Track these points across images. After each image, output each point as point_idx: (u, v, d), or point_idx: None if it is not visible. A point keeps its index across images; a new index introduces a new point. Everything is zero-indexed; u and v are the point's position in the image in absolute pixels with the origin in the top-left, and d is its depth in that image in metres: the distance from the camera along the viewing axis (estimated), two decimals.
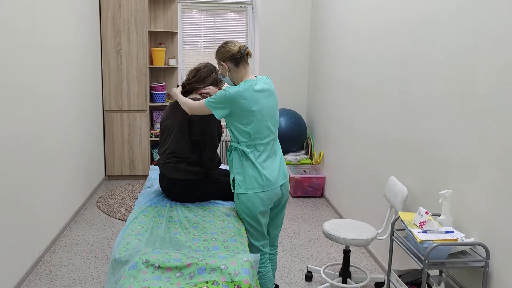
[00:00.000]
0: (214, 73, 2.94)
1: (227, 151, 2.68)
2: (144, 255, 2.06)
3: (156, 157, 5.96)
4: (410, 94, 3.07)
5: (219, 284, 1.90)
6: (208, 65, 2.96)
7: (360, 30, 4.02)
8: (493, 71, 2.23)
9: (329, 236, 3.04)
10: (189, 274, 1.97)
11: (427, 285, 2.59)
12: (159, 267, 1.99)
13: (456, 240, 2.30)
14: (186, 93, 2.92)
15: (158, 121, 5.92)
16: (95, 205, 4.79)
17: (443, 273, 2.64)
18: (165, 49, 5.81)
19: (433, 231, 2.35)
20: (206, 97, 2.83)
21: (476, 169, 2.35)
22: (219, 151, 5.91)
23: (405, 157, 3.14)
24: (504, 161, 2.15)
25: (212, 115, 2.71)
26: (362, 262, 3.68)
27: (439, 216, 2.55)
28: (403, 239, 2.54)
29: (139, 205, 2.82)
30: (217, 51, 2.64)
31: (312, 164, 5.44)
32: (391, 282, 2.64)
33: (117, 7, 5.37)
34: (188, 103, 2.66)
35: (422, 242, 2.29)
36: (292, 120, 5.47)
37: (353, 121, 4.19)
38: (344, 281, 3.20)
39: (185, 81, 2.95)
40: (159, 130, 5.81)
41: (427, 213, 2.40)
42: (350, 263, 3.61)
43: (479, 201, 2.34)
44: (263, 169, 2.56)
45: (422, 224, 2.40)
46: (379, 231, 3.16)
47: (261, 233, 2.65)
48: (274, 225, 2.83)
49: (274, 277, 2.92)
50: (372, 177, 3.73)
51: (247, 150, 2.55)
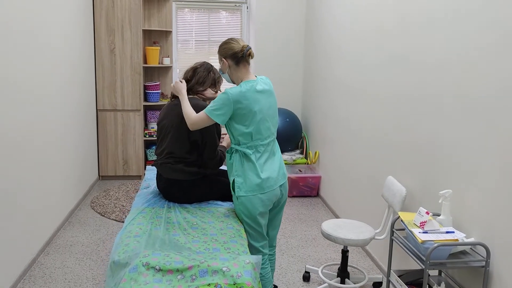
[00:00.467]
0: (211, 72, 2.92)
1: (227, 153, 2.64)
2: (144, 257, 2.03)
3: (151, 157, 5.92)
4: (407, 93, 3.06)
5: (221, 287, 1.88)
6: (204, 64, 2.93)
7: (356, 30, 4.01)
8: (493, 71, 2.22)
9: (327, 236, 3.02)
10: (190, 276, 1.94)
11: (427, 285, 2.58)
12: (160, 270, 1.96)
13: (457, 240, 2.29)
14: (187, 93, 2.89)
15: (152, 120, 5.88)
16: (89, 205, 4.74)
17: (442, 273, 2.64)
18: (159, 48, 5.76)
19: (434, 231, 2.35)
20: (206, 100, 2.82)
21: (476, 169, 2.35)
22: None
23: (403, 157, 3.13)
24: (504, 161, 2.15)
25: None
26: (359, 262, 3.67)
27: (438, 216, 2.55)
28: (403, 239, 2.53)
29: (136, 206, 2.78)
30: (220, 46, 2.62)
31: (308, 164, 5.43)
32: (390, 283, 2.63)
33: (111, 5, 5.31)
34: (191, 117, 2.57)
35: (423, 242, 2.28)
36: (287, 120, 5.45)
37: (349, 121, 4.18)
38: (342, 281, 3.18)
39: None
40: (153, 129, 5.81)
41: (427, 213, 2.39)
42: (348, 263, 3.60)
43: (479, 201, 2.33)
44: (263, 170, 2.54)
45: (422, 224, 2.39)
46: (377, 231, 3.15)
47: (261, 234, 2.63)
48: (273, 225, 2.81)
49: (272, 277, 2.90)
50: (369, 177, 3.72)
51: (248, 151, 2.52)
